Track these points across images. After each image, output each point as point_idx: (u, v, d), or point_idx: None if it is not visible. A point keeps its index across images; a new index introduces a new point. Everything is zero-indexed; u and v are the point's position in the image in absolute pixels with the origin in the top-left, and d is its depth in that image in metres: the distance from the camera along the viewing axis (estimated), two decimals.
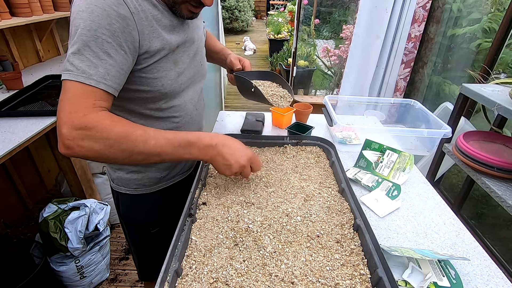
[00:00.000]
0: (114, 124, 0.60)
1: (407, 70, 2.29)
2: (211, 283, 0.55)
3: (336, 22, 2.91)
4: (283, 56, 4.15)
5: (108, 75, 0.61)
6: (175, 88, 0.80)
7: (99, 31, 0.59)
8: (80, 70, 0.59)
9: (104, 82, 0.61)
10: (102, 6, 0.59)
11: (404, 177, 0.97)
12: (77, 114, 0.58)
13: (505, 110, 1.06)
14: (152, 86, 0.74)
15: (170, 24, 0.73)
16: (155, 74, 0.73)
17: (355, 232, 0.68)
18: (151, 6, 0.69)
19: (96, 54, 0.60)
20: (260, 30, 8.81)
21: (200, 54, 0.89)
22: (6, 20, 1.63)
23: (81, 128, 0.58)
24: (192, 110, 0.91)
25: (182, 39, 0.78)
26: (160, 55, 0.72)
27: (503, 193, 1.04)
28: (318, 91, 3.14)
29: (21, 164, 1.99)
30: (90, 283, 1.55)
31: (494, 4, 1.63)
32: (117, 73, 0.63)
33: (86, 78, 0.59)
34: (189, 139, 0.67)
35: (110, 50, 0.61)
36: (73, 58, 0.60)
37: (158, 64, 0.73)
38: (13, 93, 1.52)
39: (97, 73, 0.60)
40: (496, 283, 0.65)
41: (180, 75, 0.80)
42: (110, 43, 0.61)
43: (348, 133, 1.21)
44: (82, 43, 0.59)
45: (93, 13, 0.59)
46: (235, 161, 0.69)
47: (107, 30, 0.60)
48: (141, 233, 1.02)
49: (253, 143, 1.02)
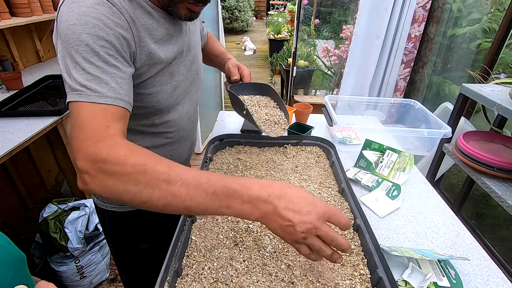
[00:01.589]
0: (131, 156, 0.47)
1: (407, 70, 2.29)
2: (211, 283, 0.55)
3: (336, 22, 2.91)
4: (283, 56, 4.15)
5: (122, 90, 0.54)
6: (170, 103, 0.73)
7: (99, 44, 0.52)
8: (91, 89, 0.51)
9: (121, 98, 0.54)
10: (97, 16, 0.52)
11: (404, 177, 0.97)
12: (89, 142, 0.48)
13: (505, 110, 1.06)
14: (146, 102, 0.67)
15: (167, 33, 0.67)
16: (150, 89, 0.66)
17: (355, 232, 0.68)
18: (145, 14, 0.62)
19: (103, 69, 0.53)
20: (260, 30, 8.81)
21: (196, 63, 0.82)
22: (6, 20, 1.63)
23: (94, 159, 0.47)
24: (187, 124, 0.84)
25: (179, 49, 0.72)
26: (156, 69, 0.66)
27: (503, 193, 1.04)
28: (318, 91, 3.14)
29: (21, 164, 1.99)
30: (90, 283, 1.55)
31: (494, 4, 1.63)
32: (128, 87, 0.57)
33: (101, 97, 0.51)
34: (230, 186, 0.47)
35: (115, 62, 0.54)
36: (78, 77, 0.51)
37: (154, 78, 0.66)
38: (13, 93, 1.52)
39: (111, 89, 0.53)
40: (496, 283, 0.65)
41: (176, 88, 0.73)
42: (113, 56, 0.54)
43: (348, 133, 1.21)
44: (83, 60, 0.52)
45: (87, 24, 0.51)
46: (300, 219, 0.45)
47: (106, 41, 0.53)
48: (129, 250, 0.94)
49: (253, 143, 1.02)
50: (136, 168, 0.46)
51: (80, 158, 0.48)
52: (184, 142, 0.85)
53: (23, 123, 1.29)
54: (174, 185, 0.46)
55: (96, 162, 0.47)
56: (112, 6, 0.55)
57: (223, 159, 0.93)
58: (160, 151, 0.78)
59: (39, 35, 2.14)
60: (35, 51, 2.14)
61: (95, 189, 0.48)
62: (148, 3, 0.63)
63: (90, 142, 0.48)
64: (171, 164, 0.48)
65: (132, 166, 0.46)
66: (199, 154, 2.80)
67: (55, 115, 1.38)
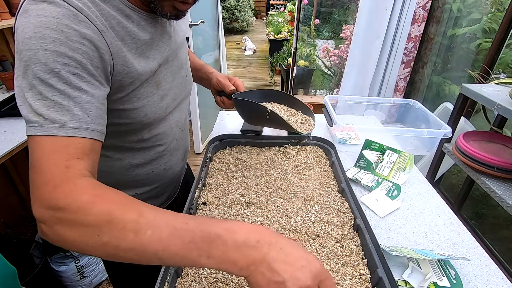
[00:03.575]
0: (94, 203, 0.40)
1: (407, 70, 2.29)
2: (211, 283, 0.55)
3: (336, 22, 2.91)
4: (283, 56, 4.15)
5: (88, 116, 0.46)
6: (159, 115, 0.65)
7: (60, 61, 0.43)
8: (48, 119, 0.43)
9: (86, 127, 0.45)
10: (57, 27, 0.43)
11: (404, 177, 0.97)
12: (46, 187, 0.41)
13: (505, 110, 1.06)
14: (132, 118, 0.60)
15: (150, 37, 0.59)
16: (135, 103, 0.58)
17: (355, 232, 0.68)
18: (123, 17, 0.53)
19: (64, 92, 0.44)
20: (260, 30, 8.81)
21: (184, 67, 0.74)
22: (6, 20, 1.63)
23: (52, 207, 0.40)
24: (178, 134, 0.77)
25: (164, 55, 0.63)
26: (140, 80, 0.57)
27: (503, 193, 1.04)
28: (318, 91, 3.14)
29: (21, 164, 1.98)
30: (90, 283, 1.55)
31: (494, 4, 1.63)
32: (98, 111, 0.47)
33: (60, 128, 0.43)
34: (212, 231, 0.39)
35: (81, 84, 0.45)
36: (35, 104, 0.43)
37: (138, 91, 0.58)
38: (13, 93, 1.52)
39: (73, 117, 0.44)
40: (496, 283, 0.65)
41: (164, 98, 0.65)
42: (78, 75, 0.45)
43: (348, 133, 1.21)
44: (41, 82, 0.43)
45: (46, 39, 0.43)
46: (292, 275, 0.37)
47: (70, 58, 0.44)
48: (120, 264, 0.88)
49: (253, 143, 1.02)
50: (100, 218, 0.39)
51: (36, 205, 0.41)
52: (176, 153, 0.79)
53: (23, 123, 1.28)
54: (144, 234, 0.39)
55: (55, 211, 0.40)
56: (78, 12, 0.45)
57: (223, 159, 0.93)
58: (152, 166, 0.73)
59: None
60: None
61: (54, 240, 0.41)
62: (126, 3, 0.54)
63: (47, 188, 0.41)
64: (142, 209, 0.41)
65: (95, 216, 0.39)
66: (199, 154, 2.80)
67: None
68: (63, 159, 0.42)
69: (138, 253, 0.39)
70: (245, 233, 0.39)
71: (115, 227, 0.39)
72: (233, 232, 0.39)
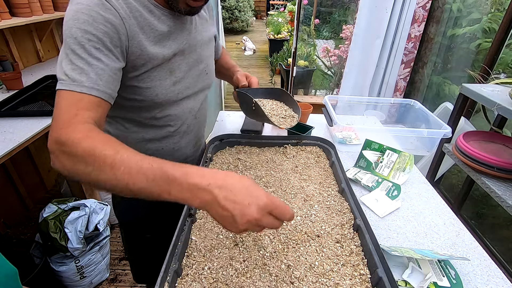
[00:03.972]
0: (84, 139, 0.51)
1: (407, 70, 2.29)
2: (211, 283, 0.55)
3: (336, 22, 2.91)
4: (283, 56, 4.15)
5: (100, 80, 0.58)
6: (170, 98, 0.75)
7: (85, 37, 0.57)
8: (71, 78, 0.56)
9: (96, 87, 0.58)
10: (88, 12, 0.58)
11: (404, 177, 0.97)
12: (58, 126, 0.53)
13: (505, 110, 1.06)
14: (144, 96, 0.71)
15: (167, 30, 0.70)
16: (148, 83, 0.70)
17: (355, 232, 0.68)
18: (147, 12, 0.66)
19: (86, 60, 0.57)
20: (260, 30, 8.81)
21: (204, 62, 0.84)
22: (6, 20, 1.63)
23: (58, 142, 0.52)
24: (190, 120, 0.86)
25: (180, 47, 0.74)
26: (152, 64, 0.68)
27: (503, 193, 1.04)
28: (318, 91, 3.14)
29: (21, 164, 1.99)
30: (90, 283, 1.55)
31: (494, 4, 1.63)
32: (109, 78, 0.60)
33: (78, 86, 0.56)
34: (170, 173, 0.46)
35: (99, 55, 0.59)
36: (65, 67, 0.57)
37: (151, 73, 0.69)
38: (13, 93, 1.52)
39: (89, 79, 0.57)
40: (496, 283, 0.65)
41: (177, 84, 0.75)
42: (98, 49, 0.59)
43: (348, 133, 1.21)
44: (71, 51, 0.57)
45: (79, 20, 0.57)
46: (240, 211, 0.44)
47: (93, 35, 0.58)
48: (135, 237, 1.01)
49: (253, 143, 1.02)
50: (86, 151, 0.49)
51: (49, 141, 0.54)
52: (186, 136, 0.87)
53: (23, 123, 1.29)
54: (118, 170, 0.47)
55: (59, 145, 0.52)
56: (106, 2, 0.59)
57: (223, 159, 0.93)
58: (162, 143, 0.83)
59: (39, 35, 2.14)
60: (35, 51, 2.14)
61: (58, 168, 0.53)
62: (152, 2, 0.67)
63: (58, 128, 0.53)
64: (120, 149, 0.50)
65: (83, 149, 0.50)
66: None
67: None
68: (75, 108, 0.55)
69: (115, 185, 0.48)
70: (198, 177, 0.46)
71: (96, 160, 0.48)
72: (187, 176, 0.46)
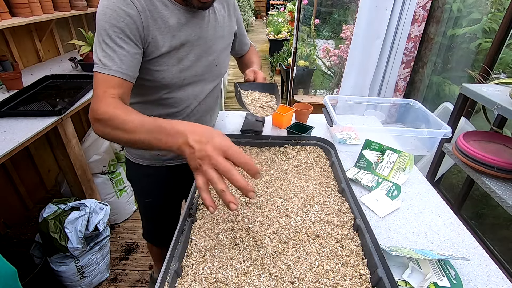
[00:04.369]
0: (110, 109, 0.66)
1: (407, 70, 2.29)
2: (211, 283, 0.55)
3: (336, 22, 2.91)
4: (283, 56, 4.15)
5: (124, 64, 0.72)
6: (176, 82, 0.86)
7: (111, 29, 0.71)
8: (103, 63, 0.71)
9: (120, 70, 0.72)
10: (113, 7, 0.71)
11: (404, 177, 0.97)
12: (94, 100, 0.69)
13: (505, 110, 1.06)
14: (154, 77, 0.83)
15: (177, 22, 0.79)
16: (157, 67, 0.81)
17: (355, 232, 0.68)
18: (162, 5, 0.77)
19: (111, 48, 0.71)
20: (260, 30, 8.81)
21: (214, 54, 0.92)
22: (6, 20, 1.63)
23: (94, 112, 0.68)
24: (194, 105, 0.95)
25: (189, 38, 0.83)
26: (161, 51, 0.79)
27: (503, 193, 1.04)
28: (318, 91, 3.14)
29: (21, 164, 1.99)
30: (90, 283, 1.55)
31: (494, 4, 1.63)
32: (130, 62, 0.74)
33: (106, 69, 0.71)
34: (161, 125, 0.60)
35: (121, 43, 0.72)
36: (99, 53, 0.72)
37: (161, 59, 0.80)
38: (13, 93, 1.52)
39: (114, 64, 0.71)
40: (496, 283, 0.65)
41: (183, 71, 0.85)
42: (121, 38, 0.72)
43: (348, 133, 1.21)
44: (103, 41, 0.72)
45: (106, 15, 0.71)
46: (199, 148, 0.54)
47: (117, 27, 0.71)
48: (139, 198, 1.19)
49: (253, 143, 1.02)
50: (108, 116, 0.65)
51: (90, 112, 0.69)
52: (188, 119, 0.95)
53: (23, 123, 1.29)
54: (128, 125, 0.63)
55: (94, 114, 0.67)
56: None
57: None
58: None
59: (39, 35, 2.14)
60: (35, 51, 2.14)
61: (97, 132, 0.69)
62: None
63: (94, 102, 0.69)
64: (132, 113, 0.65)
65: (108, 116, 0.65)
66: None
67: (55, 115, 1.37)
68: (105, 87, 0.70)
69: (129, 138, 0.63)
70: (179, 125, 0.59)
71: (116, 123, 0.64)
72: (171, 124, 0.59)
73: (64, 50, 2.43)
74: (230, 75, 5.09)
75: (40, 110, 1.42)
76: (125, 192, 2.00)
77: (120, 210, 2.01)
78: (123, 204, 2.01)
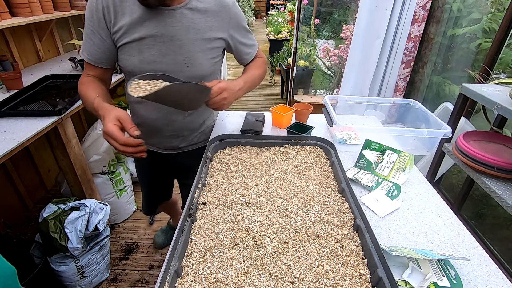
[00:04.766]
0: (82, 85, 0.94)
1: (407, 70, 2.29)
2: (211, 283, 0.55)
3: (336, 22, 2.91)
4: (283, 56, 4.14)
5: (90, 53, 0.93)
6: (136, 72, 0.92)
7: (86, 22, 0.89)
8: (84, 50, 0.93)
9: (88, 57, 0.94)
10: (91, 3, 0.87)
11: (404, 177, 0.97)
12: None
13: (505, 110, 1.06)
14: (122, 64, 0.95)
15: (140, 16, 0.87)
16: (122, 55, 0.93)
17: (355, 232, 0.68)
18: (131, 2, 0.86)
19: (86, 39, 0.91)
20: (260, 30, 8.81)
21: (187, 55, 0.93)
22: (6, 20, 1.63)
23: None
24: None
25: (150, 33, 0.89)
26: (124, 41, 0.89)
27: (503, 193, 1.04)
28: (318, 91, 3.14)
29: (21, 164, 1.99)
30: (90, 283, 1.55)
31: (494, 4, 1.63)
32: (95, 52, 0.92)
33: (85, 55, 0.94)
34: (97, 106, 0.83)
35: (91, 36, 0.90)
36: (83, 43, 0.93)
37: (124, 48, 0.91)
38: (13, 93, 1.52)
39: (87, 52, 0.93)
40: (496, 283, 0.65)
41: (143, 63, 0.92)
42: (92, 31, 0.89)
43: (348, 133, 1.21)
44: (84, 32, 0.91)
45: (87, 10, 0.88)
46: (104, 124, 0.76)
47: (90, 21, 0.88)
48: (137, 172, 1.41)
49: (253, 143, 1.02)
50: (81, 92, 0.92)
51: None
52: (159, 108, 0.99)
53: (23, 123, 1.29)
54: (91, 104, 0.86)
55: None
56: None
57: (223, 159, 0.93)
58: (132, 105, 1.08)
59: (39, 35, 2.14)
60: (35, 51, 2.14)
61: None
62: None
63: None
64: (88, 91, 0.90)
65: (79, 90, 0.93)
66: None
67: (55, 115, 1.37)
68: (85, 68, 0.98)
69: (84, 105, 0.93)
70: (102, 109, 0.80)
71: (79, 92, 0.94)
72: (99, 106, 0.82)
73: (64, 50, 2.43)
74: (230, 75, 5.10)
75: (40, 110, 1.42)
76: (125, 192, 2.00)
77: (120, 210, 2.01)
78: (123, 204, 2.01)
